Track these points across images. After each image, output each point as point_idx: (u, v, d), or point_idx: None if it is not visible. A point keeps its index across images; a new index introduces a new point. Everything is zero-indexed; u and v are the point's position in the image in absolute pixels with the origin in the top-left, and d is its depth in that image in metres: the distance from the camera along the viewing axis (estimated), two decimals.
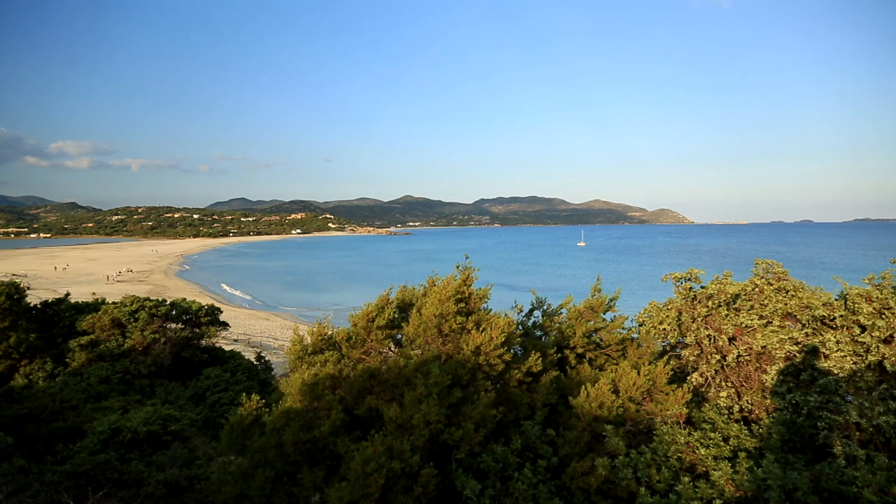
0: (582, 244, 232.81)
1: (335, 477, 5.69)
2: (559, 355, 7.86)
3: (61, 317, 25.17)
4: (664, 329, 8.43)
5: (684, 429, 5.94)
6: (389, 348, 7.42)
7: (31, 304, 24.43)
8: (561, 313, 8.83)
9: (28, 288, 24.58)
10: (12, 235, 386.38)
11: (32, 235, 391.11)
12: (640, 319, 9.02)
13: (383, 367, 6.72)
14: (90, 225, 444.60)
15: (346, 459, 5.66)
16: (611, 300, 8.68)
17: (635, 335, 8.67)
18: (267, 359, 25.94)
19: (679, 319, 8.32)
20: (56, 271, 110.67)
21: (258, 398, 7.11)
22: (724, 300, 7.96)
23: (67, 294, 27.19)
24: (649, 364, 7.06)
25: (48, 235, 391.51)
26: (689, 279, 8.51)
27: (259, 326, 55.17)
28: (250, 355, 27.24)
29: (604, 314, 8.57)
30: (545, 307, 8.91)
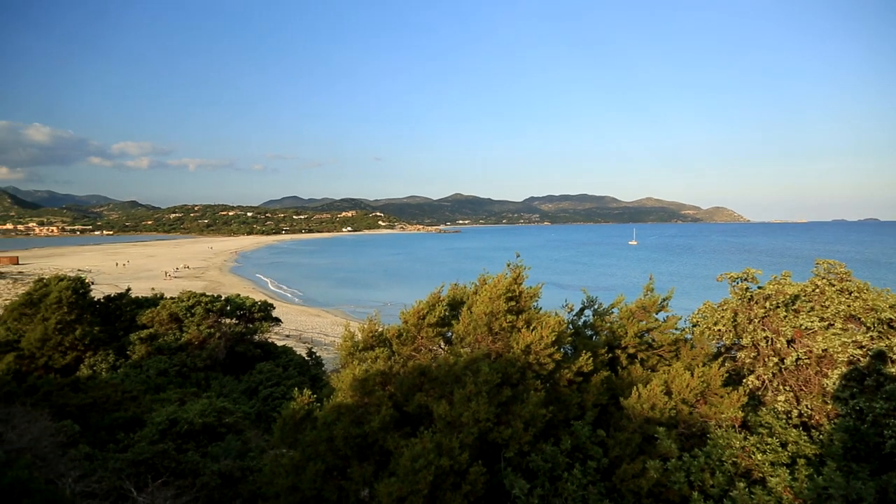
0: (633, 243, 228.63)
1: (384, 472, 5.74)
2: (610, 355, 7.76)
3: (122, 311, 26.11)
4: (719, 330, 8.22)
5: (740, 433, 5.78)
6: (439, 346, 7.45)
7: (95, 299, 25.42)
8: (612, 313, 8.70)
9: (92, 283, 25.58)
10: (78, 232, 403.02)
11: (96, 233, 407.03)
12: (694, 320, 8.81)
13: (433, 364, 6.74)
14: (149, 222, 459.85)
15: (395, 455, 5.71)
16: (663, 300, 8.51)
17: (689, 336, 8.48)
18: (318, 354, 26.34)
19: (735, 320, 8.10)
20: (117, 267, 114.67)
21: (310, 393, 7.24)
22: (783, 301, 7.71)
23: (128, 289, 28.17)
24: (703, 366, 6.90)
25: (111, 233, 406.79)
26: (746, 279, 8.27)
27: (310, 322, 56.08)
28: (302, 351, 27.71)
29: (656, 314, 8.41)
30: (596, 306, 8.80)
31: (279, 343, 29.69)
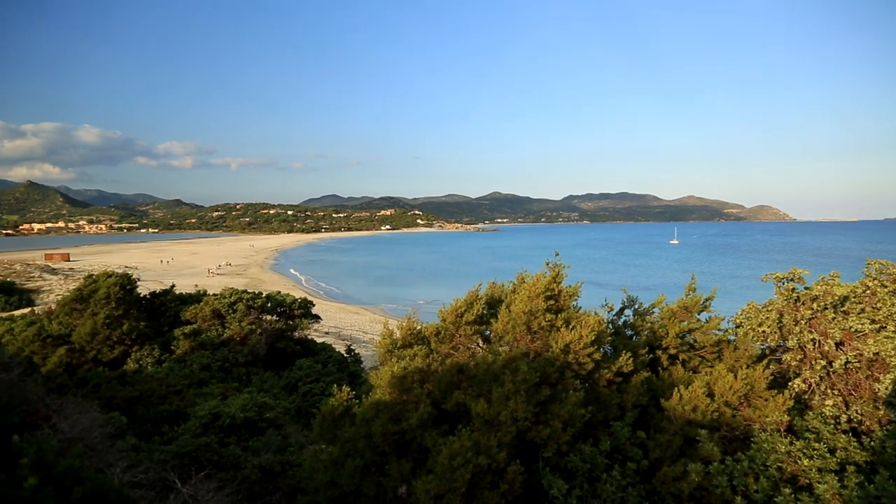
0: (675, 242, 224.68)
1: (422, 469, 5.76)
2: (650, 356, 7.64)
3: (167, 307, 26.76)
4: (764, 332, 8.02)
5: (785, 437, 5.63)
6: (477, 344, 7.44)
7: (141, 295, 26.11)
8: (653, 312, 8.57)
9: (138, 280, 26.28)
10: (125, 230, 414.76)
11: (142, 230, 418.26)
12: (738, 321, 8.61)
13: (471, 362, 6.74)
14: (193, 220, 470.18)
15: (433, 453, 5.73)
16: (706, 300, 8.34)
17: (732, 337, 8.29)
18: (356, 351, 26.56)
19: (780, 322, 7.89)
20: (162, 264, 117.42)
21: (349, 389, 7.31)
22: (831, 302, 7.49)
23: (173, 286, 28.85)
24: (747, 368, 6.74)
25: (156, 230, 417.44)
26: (792, 279, 8.05)
27: (349, 320, 56.60)
28: (340, 348, 27.98)
29: (698, 314, 8.25)
30: (636, 306, 8.67)
31: (318, 340, 30.03)
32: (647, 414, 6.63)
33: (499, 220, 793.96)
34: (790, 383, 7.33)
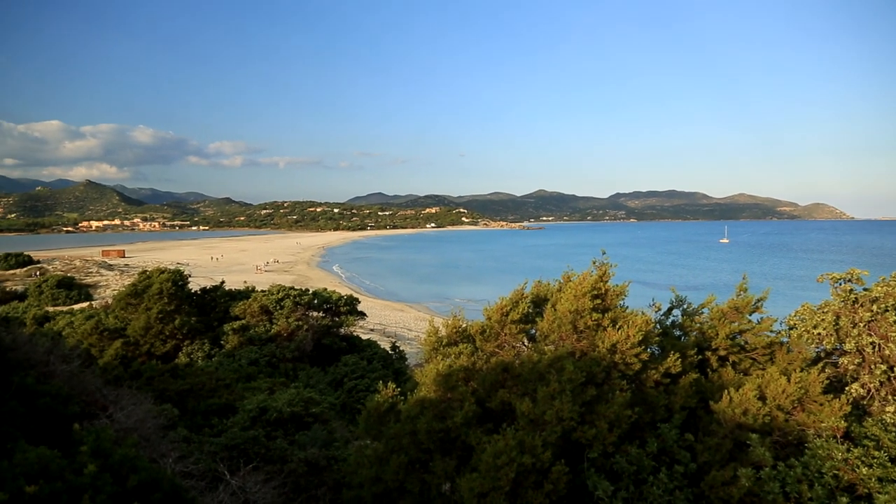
0: (725, 241, 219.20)
1: (466, 467, 5.76)
2: (699, 357, 7.48)
3: (217, 302, 27.40)
4: (819, 334, 7.77)
5: (842, 444, 5.44)
6: (523, 343, 7.41)
7: (192, 291, 26.79)
8: (702, 313, 8.38)
9: (189, 276, 26.99)
10: (177, 228, 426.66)
11: (193, 228, 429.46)
12: (791, 322, 8.36)
13: (516, 361, 6.72)
14: (242, 218, 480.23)
15: (477, 451, 5.73)
16: (758, 300, 8.12)
17: (785, 339, 8.05)
18: (401, 348, 26.74)
19: (837, 324, 7.63)
20: (212, 261, 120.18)
21: (394, 386, 7.36)
22: (892, 304, 7.20)
23: (222, 282, 29.51)
24: (801, 371, 6.54)
25: (206, 228, 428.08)
26: (850, 280, 7.78)
27: (394, 317, 56.99)
28: (385, 345, 28.21)
29: (749, 315, 8.03)
30: (685, 306, 8.50)
31: (364, 336, 30.34)
32: (696, 416, 6.50)
33: (544, 218, 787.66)
34: (847, 388, 7.09)
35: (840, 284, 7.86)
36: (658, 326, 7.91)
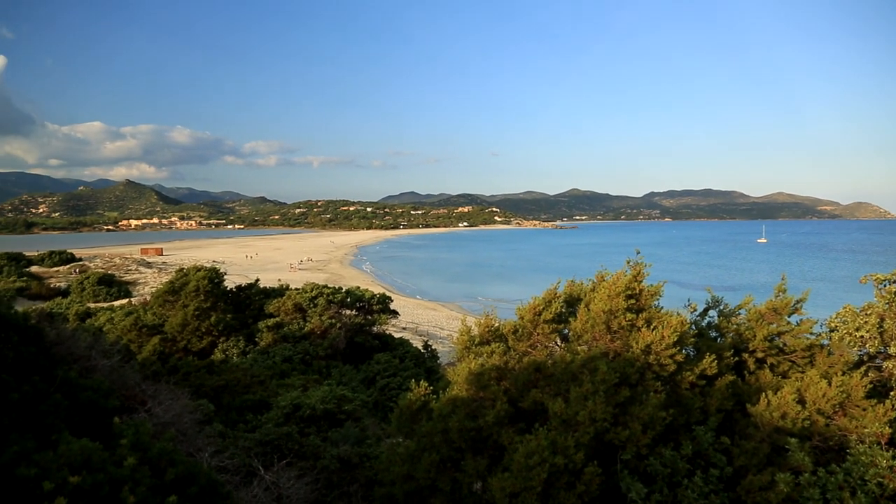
0: (763, 240, 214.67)
1: (498, 467, 5.75)
2: (736, 359, 7.34)
3: (252, 300, 27.80)
4: (862, 337, 7.56)
5: (887, 451, 5.28)
6: (555, 343, 7.37)
7: (227, 288, 27.22)
8: (739, 314, 8.22)
9: (225, 274, 27.42)
10: (213, 226, 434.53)
11: (229, 227, 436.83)
12: (832, 324, 8.15)
13: (549, 361, 6.68)
14: (276, 217, 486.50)
15: (509, 450, 5.71)
16: (797, 302, 7.93)
17: (825, 342, 7.85)
18: (433, 347, 26.79)
19: (881, 327, 7.43)
20: (247, 259, 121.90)
21: (426, 385, 7.39)
22: None
23: (257, 280, 29.93)
24: (842, 374, 6.37)
25: (241, 227, 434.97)
26: (895, 281, 7.56)
27: (426, 316, 57.12)
28: (417, 343, 28.29)
29: (789, 317, 7.85)
30: (721, 307, 8.35)
31: (396, 335, 30.48)
32: (732, 419, 6.38)
33: (577, 217, 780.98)
34: (892, 393, 6.89)
35: (885, 286, 7.64)
36: (693, 327, 7.79)
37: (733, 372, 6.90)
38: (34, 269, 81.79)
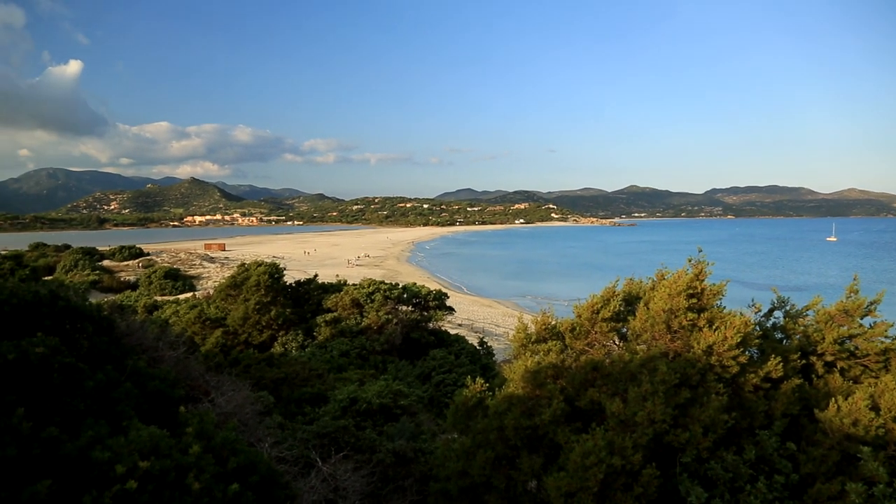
0: (832, 239, 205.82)
1: (553, 466, 5.71)
2: (803, 362, 7.07)
3: (310, 295, 28.35)
4: None
5: None
6: (613, 341, 7.26)
7: (287, 283, 27.83)
8: (806, 315, 7.91)
9: (284, 269, 28.06)
10: (273, 223, 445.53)
11: (288, 223, 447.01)
12: None
13: (607, 360, 6.59)
14: (334, 214, 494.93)
15: (565, 450, 5.66)
16: (871, 303, 7.57)
17: None
18: (489, 344, 26.75)
19: None
20: (305, 255, 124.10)
21: (482, 381, 7.38)
22: None
23: (315, 275, 30.48)
24: None
25: (300, 223, 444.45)
26: None
27: (482, 312, 57.02)
28: (473, 340, 28.30)
29: (861, 319, 7.51)
30: (787, 307, 8.05)
31: (452, 331, 30.53)
32: (799, 424, 6.15)
33: (636, 214, 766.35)
34: None
35: None
36: (758, 328, 7.54)
37: (800, 375, 6.65)
38: (106, 262, 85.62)
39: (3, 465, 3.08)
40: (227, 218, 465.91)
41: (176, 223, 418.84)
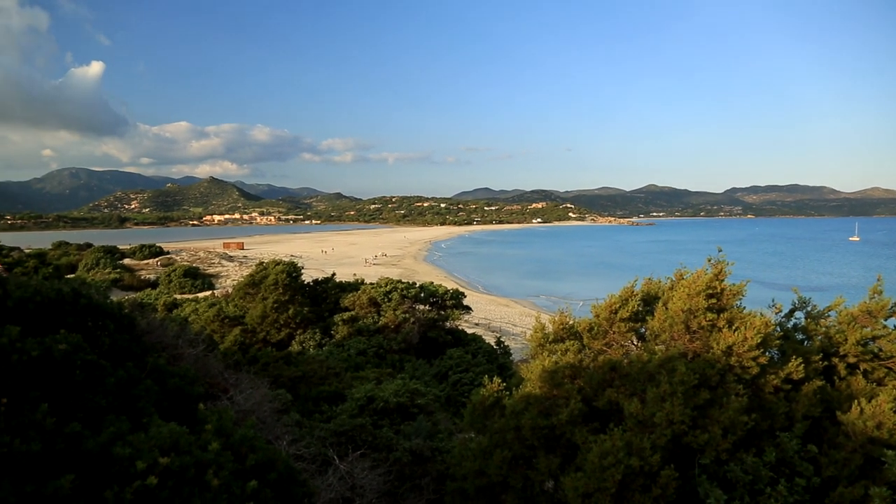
0: (855, 238, 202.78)
1: (570, 466, 5.69)
2: (825, 363, 6.98)
3: (328, 294, 28.49)
4: None
5: None
6: (632, 342, 7.22)
7: (305, 282, 27.98)
8: (828, 316, 7.80)
9: (302, 268, 28.22)
10: (291, 222, 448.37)
11: (306, 222, 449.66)
12: None
13: (625, 360, 6.55)
14: (352, 213, 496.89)
15: (582, 450, 5.63)
16: (894, 304, 7.47)
17: None
18: (506, 344, 26.69)
19: None
20: (323, 254, 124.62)
21: (499, 381, 7.37)
22: None
23: (333, 274, 30.62)
24: None
25: (318, 222, 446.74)
26: None
27: (499, 312, 56.96)
28: (490, 339, 28.26)
29: (885, 320, 7.40)
30: (809, 308, 7.95)
31: (469, 330, 30.51)
32: (820, 427, 6.08)
33: (654, 213, 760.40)
34: None
35: None
36: (778, 329, 7.45)
37: (822, 377, 6.56)
38: (126, 261, 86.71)
39: (28, 460, 3.14)
40: (245, 217, 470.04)
41: (195, 222, 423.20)
